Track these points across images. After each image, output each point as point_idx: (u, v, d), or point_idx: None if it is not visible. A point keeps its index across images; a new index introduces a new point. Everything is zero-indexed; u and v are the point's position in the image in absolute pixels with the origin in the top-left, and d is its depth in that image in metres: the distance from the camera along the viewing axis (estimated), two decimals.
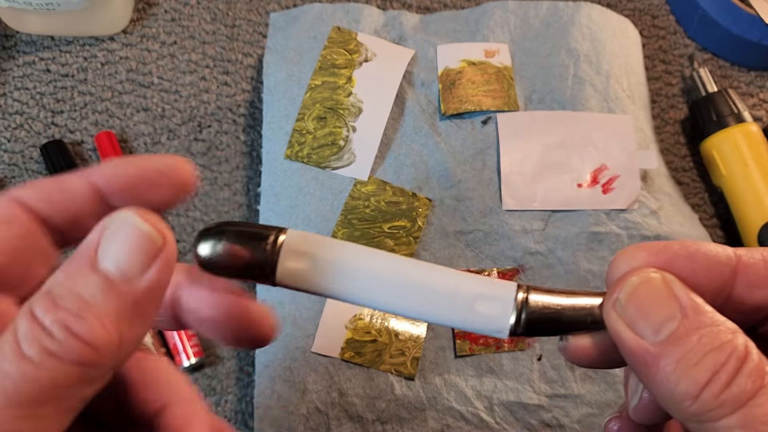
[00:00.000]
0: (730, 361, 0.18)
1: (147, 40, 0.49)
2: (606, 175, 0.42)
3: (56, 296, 0.17)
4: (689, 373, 0.18)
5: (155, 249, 0.18)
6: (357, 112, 0.43)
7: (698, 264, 0.20)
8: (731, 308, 0.21)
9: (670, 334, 0.19)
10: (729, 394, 0.18)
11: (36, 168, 0.46)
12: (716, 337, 0.18)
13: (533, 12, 0.46)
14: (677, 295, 0.19)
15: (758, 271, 0.20)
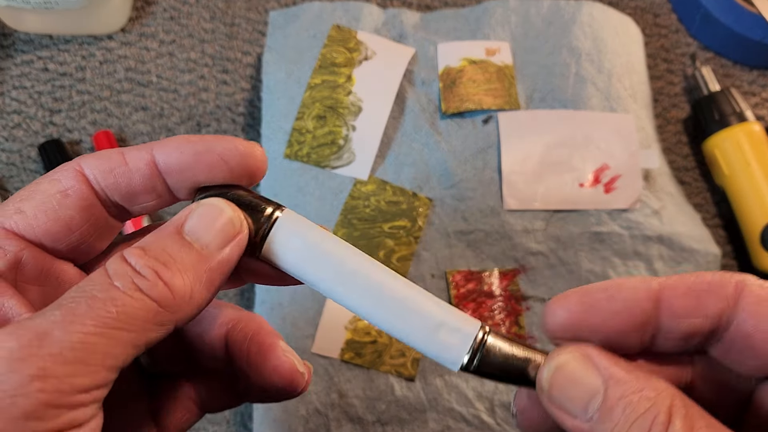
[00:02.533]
0: (654, 428, 0.18)
1: (145, 39, 0.49)
2: (608, 174, 0.42)
3: (146, 248, 0.20)
4: None
5: (234, 232, 0.21)
6: (357, 111, 0.42)
7: (618, 304, 0.21)
8: (665, 338, 0.21)
9: (597, 411, 0.19)
10: None
11: (34, 167, 0.45)
12: (640, 404, 0.19)
13: (534, 10, 0.46)
14: (598, 367, 0.20)
15: (680, 301, 0.21)
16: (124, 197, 0.22)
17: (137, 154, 0.22)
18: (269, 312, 0.39)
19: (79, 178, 0.21)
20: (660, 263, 0.41)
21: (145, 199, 0.22)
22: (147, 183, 0.22)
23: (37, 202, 0.21)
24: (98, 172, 0.22)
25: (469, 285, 0.40)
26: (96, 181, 0.22)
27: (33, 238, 0.21)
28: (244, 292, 0.43)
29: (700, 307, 0.21)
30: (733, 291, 0.21)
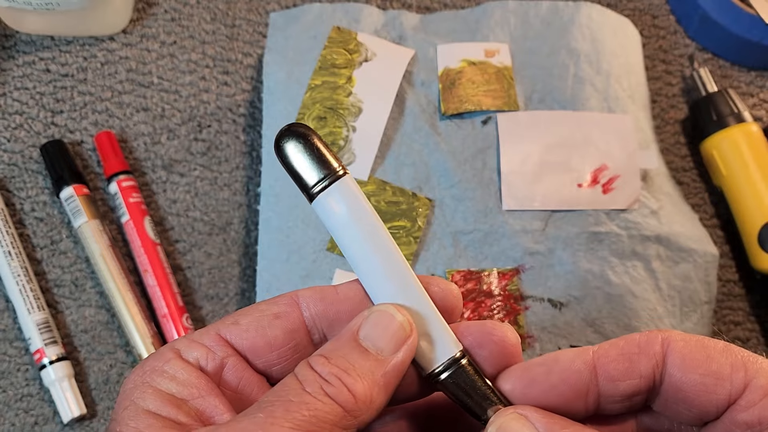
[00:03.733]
0: None
1: (147, 40, 0.49)
2: (606, 175, 0.42)
3: (328, 356, 0.22)
4: None
5: (405, 336, 0.23)
6: (357, 112, 0.42)
7: (556, 377, 0.23)
8: (608, 401, 0.23)
9: None
10: None
11: (36, 168, 0.46)
12: None
13: (533, 12, 0.46)
14: (536, 427, 0.22)
15: (614, 365, 0.23)
16: (329, 324, 0.24)
17: (349, 286, 0.25)
18: None
19: (293, 304, 0.24)
20: (658, 263, 0.41)
21: None
22: (355, 311, 0.24)
23: (252, 318, 0.24)
24: (311, 299, 0.24)
25: (468, 285, 0.40)
26: (307, 307, 0.24)
27: (240, 348, 0.24)
28: (244, 292, 0.44)
29: (633, 368, 0.23)
30: (660, 348, 0.23)
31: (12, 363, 0.42)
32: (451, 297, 0.24)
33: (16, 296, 0.41)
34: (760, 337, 0.45)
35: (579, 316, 0.40)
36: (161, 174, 0.46)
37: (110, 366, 0.42)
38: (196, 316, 0.43)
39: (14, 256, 0.42)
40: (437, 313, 0.24)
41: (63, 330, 0.42)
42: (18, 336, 0.42)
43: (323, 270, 0.40)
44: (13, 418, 0.41)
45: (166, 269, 0.43)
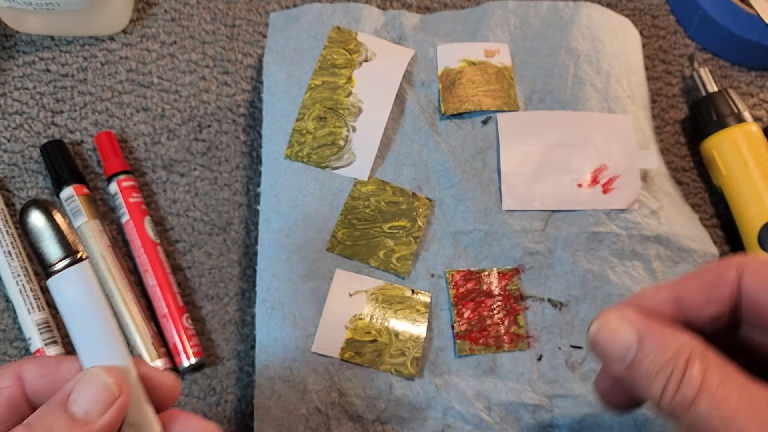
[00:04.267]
0: (674, 375, 0.23)
1: (147, 40, 0.49)
2: (606, 175, 0.42)
3: (32, 425, 0.23)
4: (650, 388, 0.24)
5: (112, 397, 0.24)
6: (357, 112, 0.43)
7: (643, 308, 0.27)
8: (695, 326, 0.26)
9: (632, 359, 0.25)
10: (676, 402, 0.23)
11: (36, 168, 0.46)
12: (663, 356, 0.24)
13: (533, 12, 0.46)
14: (633, 325, 0.25)
15: (696, 295, 0.26)
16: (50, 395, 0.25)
17: (73, 360, 0.26)
18: (269, 311, 0.40)
19: (16, 378, 0.25)
20: (658, 263, 0.41)
21: None
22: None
23: None
24: (33, 373, 0.25)
25: (468, 285, 0.40)
26: (30, 382, 0.25)
27: None
28: (245, 291, 0.44)
29: (711, 296, 0.25)
30: (735, 274, 0.25)
31: None
32: (166, 385, 0.26)
33: (16, 296, 0.41)
34: None
35: (579, 315, 0.40)
36: (161, 174, 0.46)
37: None
38: (196, 316, 0.43)
39: (14, 256, 0.42)
40: (143, 395, 0.26)
41: (63, 330, 0.42)
42: (18, 336, 0.42)
43: (323, 270, 0.40)
44: None
45: (166, 269, 0.43)
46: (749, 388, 0.22)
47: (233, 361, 0.42)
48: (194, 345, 0.41)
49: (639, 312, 0.25)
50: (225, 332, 0.43)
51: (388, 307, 0.39)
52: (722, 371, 0.23)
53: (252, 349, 0.43)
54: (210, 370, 0.42)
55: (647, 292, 0.26)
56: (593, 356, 0.27)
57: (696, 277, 0.26)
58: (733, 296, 0.25)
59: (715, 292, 0.25)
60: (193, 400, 0.42)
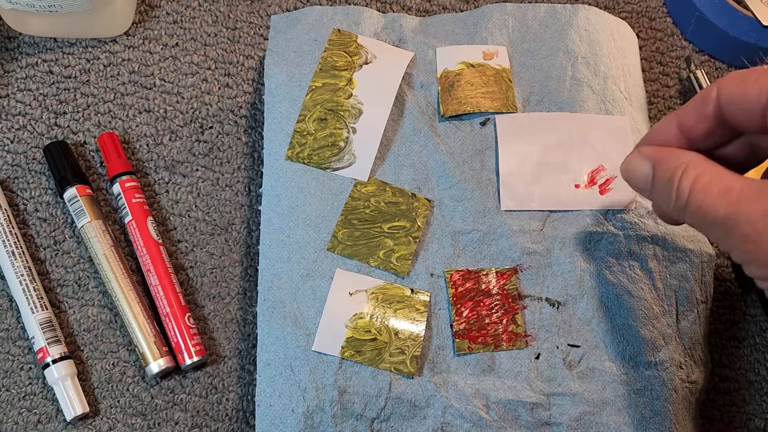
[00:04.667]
0: (674, 184, 0.29)
1: (149, 42, 0.49)
2: (603, 175, 0.42)
3: None
4: (663, 202, 0.30)
5: None
6: (357, 114, 0.43)
7: (655, 139, 0.33)
8: (696, 142, 0.31)
9: (650, 183, 0.31)
10: (678, 206, 0.29)
11: (39, 169, 0.46)
12: (668, 173, 0.30)
13: (531, 14, 0.47)
14: (648, 157, 0.31)
15: (690, 116, 0.31)
16: None
17: None
18: (270, 310, 0.40)
19: None
20: (654, 263, 0.41)
21: None
22: None
23: None
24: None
25: (467, 284, 0.41)
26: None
27: None
28: (246, 291, 0.44)
29: (701, 113, 0.30)
30: (715, 92, 0.29)
31: (15, 362, 0.42)
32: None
33: (19, 296, 0.42)
34: (756, 337, 0.45)
35: (576, 315, 0.40)
36: (164, 175, 0.46)
37: (113, 365, 0.42)
38: (198, 315, 0.44)
39: (18, 256, 0.42)
40: None
41: (66, 329, 0.43)
42: (21, 335, 0.43)
43: (324, 269, 0.40)
44: (17, 417, 0.41)
45: (169, 269, 0.43)
46: (727, 179, 0.27)
47: (235, 360, 0.43)
48: (196, 344, 0.42)
49: (653, 146, 0.31)
50: (227, 331, 0.43)
51: (388, 306, 0.40)
52: (711, 173, 0.28)
53: (253, 348, 0.43)
54: (212, 369, 0.43)
55: (657, 126, 0.32)
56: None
57: (690, 102, 0.31)
58: (717, 110, 0.30)
59: (703, 110, 0.30)
60: (195, 399, 0.42)
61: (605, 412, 0.39)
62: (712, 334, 0.45)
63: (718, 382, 0.44)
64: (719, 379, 0.44)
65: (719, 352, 0.45)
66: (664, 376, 0.39)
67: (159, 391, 0.42)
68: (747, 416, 0.43)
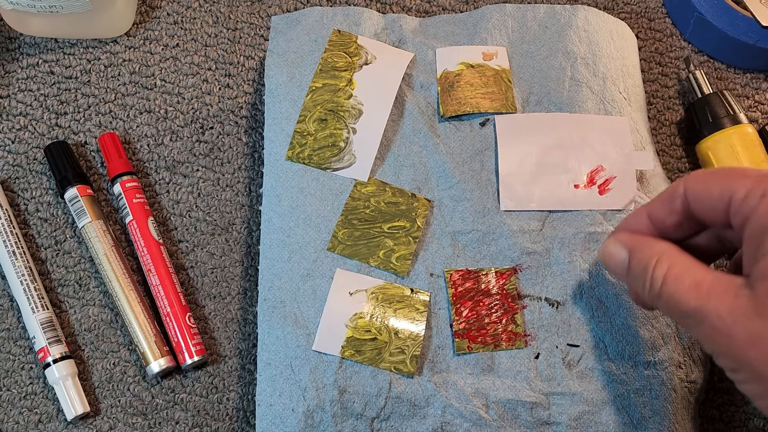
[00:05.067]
0: (648, 273, 0.30)
1: (150, 43, 0.49)
2: (602, 176, 0.43)
3: None
4: (639, 288, 0.31)
5: None
6: (357, 114, 0.43)
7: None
8: (666, 234, 0.33)
9: (627, 270, 0.32)
10: (652, 294, 0.30)
11: (40, 169, 0.46)
12: (643, 261, 0.31)
13: (531, 15, 0.47)
14: (624, 244, 0.33)
15: (660, 210, 0.33)
16: None
17: None
18: (271, 310, 0.40)
19: None
20: None
21: None
22: None
23: None
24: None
25: (467, 284, 0.41)
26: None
27: None
28: (246, 291, 0.44)
29: (671, 208, 0.32)
30: (682, 188, 0.31)
31: (16, 361, 0.42)
32: None
33: (20, 295, 0.42)
34: None
35: (575, 314, 0.40)
36: (164, 175, 0.46)
37: (114, 364, 0.43)
38: (199, 315, 0.44)
39: (19, 255, 0.43)
40: None
41: (67, 329, 0.43)
42: (22, 335, 0.43)
43: (324, 269, 0.40)
44: (18, 416, 0.41)
45: (169, 269, 0.43)
46: (698, 272, 0.29)
47: (235, 359, 0.43)
48: (197, 343, 0.42)
49: (628, 233, 0.33)
50: (227, 331, 0.44)
51: (388, 306, 0.40)
52: (683, 265, 0.29)
53: (254, 348, 0.43)
54: (212, 368, 0.43)
55: (630, 216, 0.34)
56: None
57: (659, 197, 0.32)
58: (684, 205, 0.31)
59: (671, 205, 0.32)
60: (196, 398, 0.42)
61: (604, 411, 0.39)
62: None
63: (717, 382, 0.44)
64: (718, 378, 0.44)
65: None
66: (663, 375, 0.39)
67: (160, 391, 0.42)
68: (746, 416, 0.44)
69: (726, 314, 0.27)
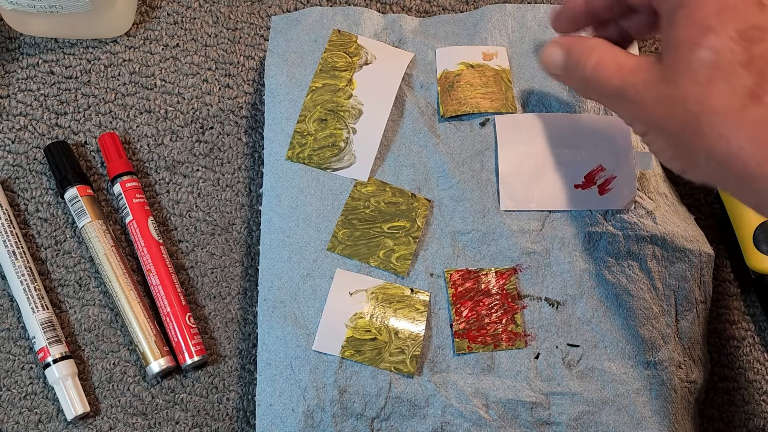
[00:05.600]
0: (581, 64, 0.34)
1: (150, 43, 0.49)
2: (603, 176, 0.43)
3: None
4: (575, 81, 0.36)
5: None
6: (357, 114, 0.43)
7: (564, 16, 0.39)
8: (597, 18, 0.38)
9: (565, 66, 0.36)
10: (585, 80, 0.34)
11: (40, 169, 0.46)
12: (576, 57, 0.35)
13: (531, 15, 0.47)
14: (562, 45, 0.36)
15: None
16: None
17: None
18: (271, 310, 0.40)
19: None
20: (653, 263, 0.41)
21: None
22: None
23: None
24: None
25: (466, 284, 0.41)
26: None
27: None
28: (246, 291, 0.44)
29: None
30: None
31: (16, 361, 0.42)
32: None
33: (20, 295, 0.42)
34: (755, 336, 0.46)
35: (575, 315, 0.40)
36: (164, 175, 0.47)
37: (114, 364, 0.43)
38: (199, 315, 0.44)
39: (19, 255, 0.43)
40: None
41: (67, 329, 0.43)
42: (22, 335, 0.43)
43: (324, 269, 0.41)
44: (18, 416, 0.41)
45: (170, 269, 0.43)
46: (622, 57, 0.32)
47: (235, 359, 0.43)
48: (197, 343, 0.42)
49: (564, 37, 0.36)
50: (227, 331, 0.44)
51: (388, 306, 0.40)
52: (610, 54, 0.33)
53: (254, 348, 0.43)
54: (212, 368, 0.43)
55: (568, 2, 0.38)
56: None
57: None
58: None
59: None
60: (196, 398, 0.42)
61: (604, 411, 0.39)
62: (711, 333, 0.45)
63: (717, 382, 0.44)
64: (718, 378, 0.44)
65: (718, 351, 0.45)
66: (663, 375, 0.39)
67: (159, 391, 0.42)
68: (746, 416, 0.44)
69: (640, 85, 0.31)
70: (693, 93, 0.29)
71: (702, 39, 0.29)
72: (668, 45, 0.30)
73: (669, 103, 0.30)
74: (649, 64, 0.31)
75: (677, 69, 0.29)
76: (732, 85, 0.28)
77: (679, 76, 0.29)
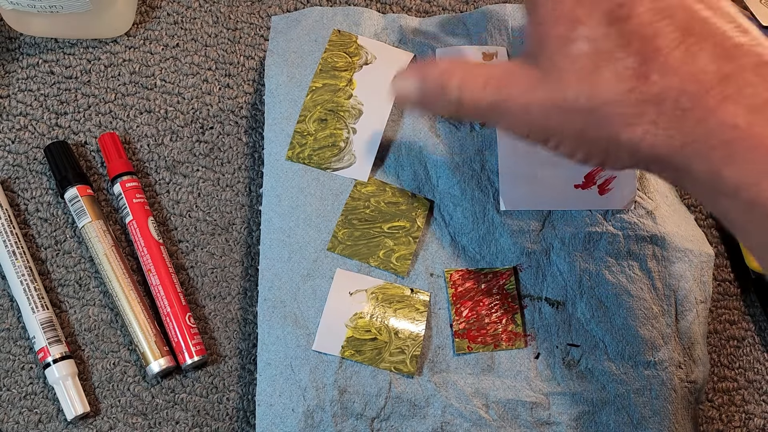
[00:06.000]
0: (448, 89, 0.31)
1: (150, 43, 0.49)
2: (603, 176, 0.43)
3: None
4: (438, 108, 0.33)
5: None
6: (357, 114, 0.43)
7: None
8: None
9: (423, 94, 0.33)
10: (462, 104, 0.31)
11: (40, 169, 0.46)
12: (436, 78, 0.32)
13: None
14: (409, 75, 0.33)
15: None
16: None
17: None
18: (271, 310, 0.40)
19: None
20: (653, 263, 0.41)
21: None
22: None
23: None
24: None
25: (466, 284, 0.41)
26: None
27: None
28: (246, 291, 0.44)
29: None
30: None
31: (16, 361, 0.42)
32: None
33: (20, 295, 0.42)
34: (755, 336, 0.46)
35: (575, 315, 0.41)
36: (164, 175, 0.47)
37: (114, 364, 0.43)
38: (199, 315, 0.44)
39: (19, 255, 0.43)
40: None
41: (67, 329, 0.43)
42: (22, 335, 0.43)
43: (324, 269, 0.41)
44: (18, 416, 0.41)
45: (170, 269, 0.43)
46: (485, 72, 0.30)
47: (235, 359, 0.43)
48: (197, 343, 0.42)
49: (409, 68, 0.34)
50: (227, 331, 0.44)
51: (388, 305, 0.40)
52: (469, 70, 0.31)
53: (254, 348, 0.43)
54: (212, 368, 0.43)
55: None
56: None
57: None
58: None
59: None
60: (196, 398, 0.42)
61: (604, 411, 0.39)
62: (711, 333, 0.45)
63: (717, 382, 0.44)
64: (718, 378, 0.44)
65: (718, 351, 0.45)
66: (663, 375, 0.39)
67: (160, 391, 0.42)
68: (746, 415, 0.44)
69: (518, 95, 0.29)
70: (580, 90, 0.27)
71: (572, 33, 0.27)
72: (540, 44, 0.29)
73: (560, 106, 0.28)
74: (520, 69, 0.30)
75: (556, 68, 0.28)
76: (615, 70, 0.26)
77: (561, 75, 0.28)
